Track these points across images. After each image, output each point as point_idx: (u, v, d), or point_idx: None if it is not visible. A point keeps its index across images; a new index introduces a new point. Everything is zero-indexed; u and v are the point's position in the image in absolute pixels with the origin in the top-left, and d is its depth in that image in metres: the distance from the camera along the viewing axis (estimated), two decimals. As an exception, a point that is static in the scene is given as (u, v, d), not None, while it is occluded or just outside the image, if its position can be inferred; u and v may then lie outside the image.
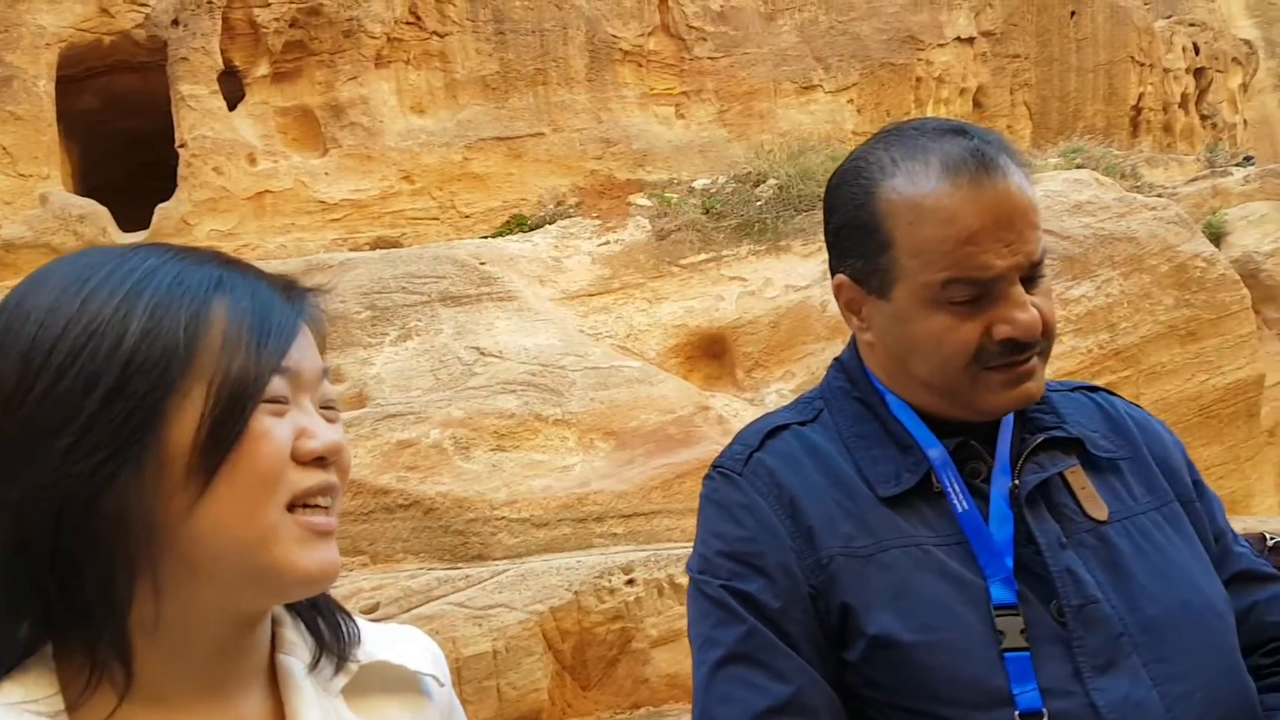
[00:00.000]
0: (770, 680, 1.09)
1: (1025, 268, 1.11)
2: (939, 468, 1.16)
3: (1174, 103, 17.08)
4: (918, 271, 1.13)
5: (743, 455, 1.22)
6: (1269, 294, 10.97)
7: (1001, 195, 1.10)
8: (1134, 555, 1.14)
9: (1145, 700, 1.06)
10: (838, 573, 1.12)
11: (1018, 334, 1.11)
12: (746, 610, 1.12)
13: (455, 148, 10.79)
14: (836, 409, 1.24)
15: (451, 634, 6.42)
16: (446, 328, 7.87)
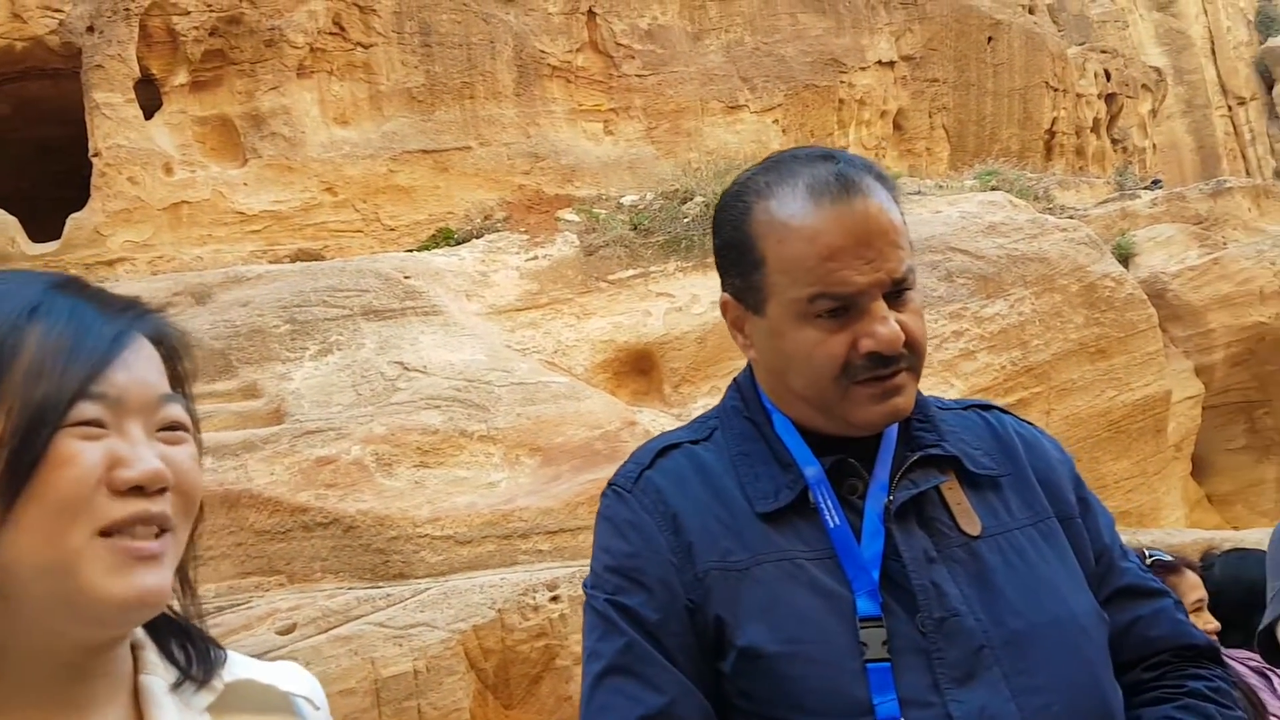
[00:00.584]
0: (645, 691, 1.12)
1: (888, 284, 1.18)
2: (813, 485, 1.20)
3: (1086, 127, 17.64)
4: (787, 288, 1.19)
5: (634, 473, 1.27)
6: (1175, 313, 11.37)
7: (861, 216, 1.17)
8: (1003, 570, 1.17)
9: (1002, 712, 1.09)
10: (713, 586, 1.16)
11: (880, 347, 1.16)
12: (627, 623, 1.16)
13: (380, 160, 10.66)
14: (728, 427, 1.29)
15: (371, 654, 6.32)
16: (369, 342, 7.76)
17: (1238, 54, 30.02)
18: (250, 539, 7.08)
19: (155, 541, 0.83)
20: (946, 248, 10.34)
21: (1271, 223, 12.94)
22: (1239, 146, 29.10)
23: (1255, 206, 13.10)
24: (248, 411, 7.61)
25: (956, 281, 10.14)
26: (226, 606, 6.70)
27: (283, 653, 6.33)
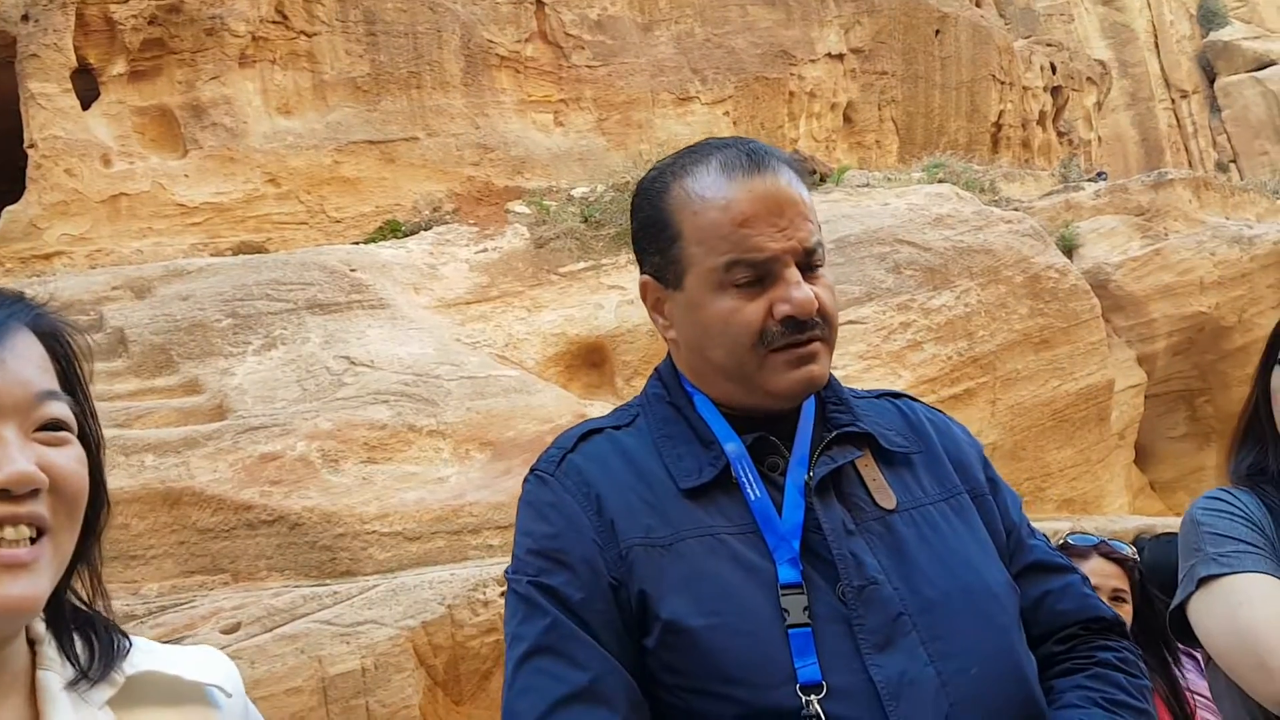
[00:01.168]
0: (569, 669, 1.14)
1: (800, 253, 1.22)
2: (735, 461, 1.23)
3: (1032, 120, 17.88)
4: (703, 258, 1.23)
5: (557, 458, 1.29)
6: (1118, 303, 11.56)
7: (771, 187, 1.23)
8: (917, 542, 1.22)
9: (920, 676, 1.12)
10: (636, 562, 1.18)
11: (795, 310, 1.20)
12: (550, 603, 1.17)
13: (324, 150, 10.51)
14: (650, 413, 1.32)
15: (318, 652, 6.24)
16: (314, 336, 7.65)
17: (1180, 48, 30.61)
18: (193, 537, 6.97)
19: (26, 549, 0.81)
20: (894, 240, 10.43)
21: (1211, 214, 13.21)
22: (1182, 139, 29.69)
23: (1196, 198, 13.36)
24: (189, 407, 7.48)
25: (904, 273, 10.23)
26: (170, 606, 6.59)
27: (228, 651, 6.22)
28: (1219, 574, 1.45)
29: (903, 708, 1.10)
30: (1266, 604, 1.38)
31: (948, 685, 1.13)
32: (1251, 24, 32.03)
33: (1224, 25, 31.49)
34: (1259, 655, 1.34)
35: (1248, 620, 1.38)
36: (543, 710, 1.13)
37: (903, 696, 1.11)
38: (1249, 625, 1.38)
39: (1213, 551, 1.46)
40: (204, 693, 0.96)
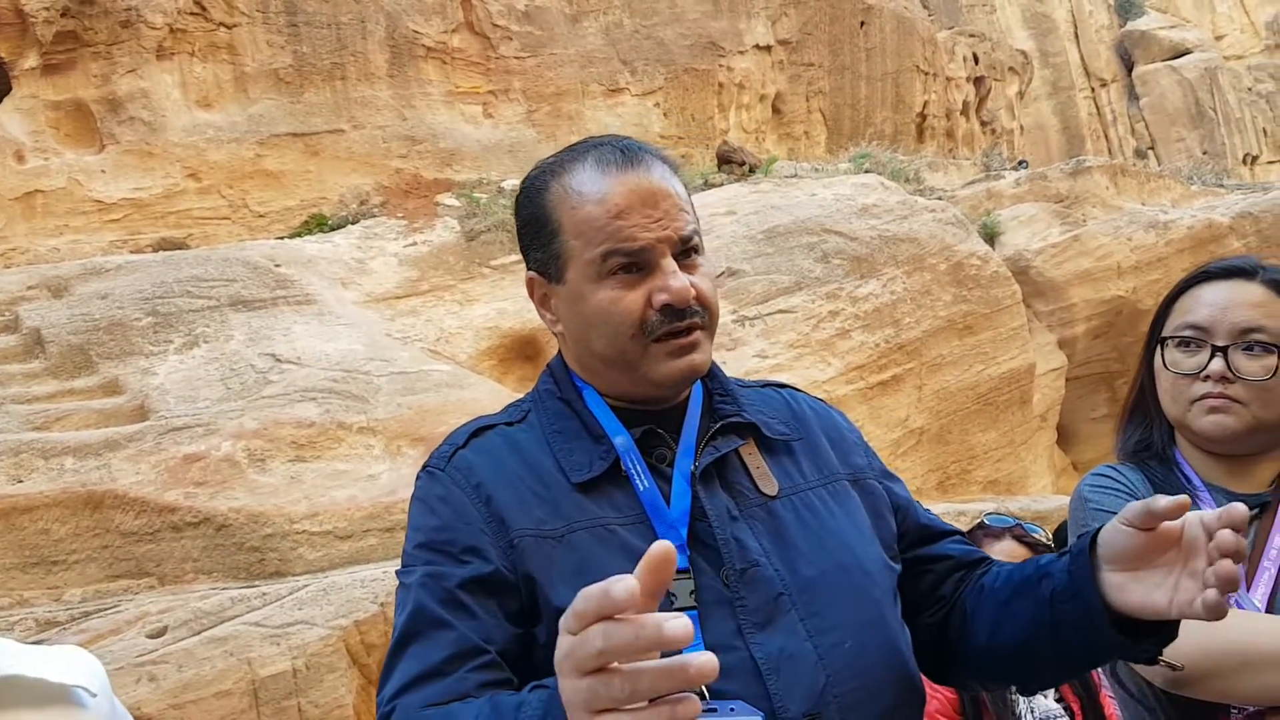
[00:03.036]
0: (447, 638, 1.15)
1: (675, 243, 1.26)
2: (623, 453, 1.27)
3: (956, 109, 18.18)
4: (582, 250, 1.27)
5: (448, 453, 1.31)
6: (1038, 289, 11.84)
7: (644, 180, 1.27)
8: (797, 525, 1.28)
9: (799, 651, 1.18)
10: (526, 550, 1.20)
11: (672, 298, 1.24)
12: (438, 591, 1.19)
13: (246, 143, 10.30)
14: (542, 409, 1.35)
15: (247, 654, 6.16)
16: (238, 334, 7.52)
17: (1099, 37, 31.33)
18: (117, 541, 6.83)
19: None
20: (822, 229, 10.56)
21: (1128, 200, 13.58)
22: (1102, 127, 30.41)
23: (1113, 184, 13.72)
24: (109, 409, 7.31)
25: (832, 262, 10.36)
26: (94, 611, 6.45)
27: (154, 656, 6.13)
28: None
29: (782, 681, 1.15)
30: None
31: (825, 658, 1.18)
32: (1167, 13, 32.94)
33: (1140, 15, 32.33)
34: None
35: None
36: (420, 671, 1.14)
37: (782, 670, 1.16)
38: None
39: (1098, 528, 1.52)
40: (70, 693, 0.96)
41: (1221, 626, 1.33)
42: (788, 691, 1.15)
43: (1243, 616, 1.36)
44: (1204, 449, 1.58)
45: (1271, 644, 1.30)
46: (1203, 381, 1.52)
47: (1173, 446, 1.62)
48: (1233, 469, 1.56)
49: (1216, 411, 1.51)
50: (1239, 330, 1.52)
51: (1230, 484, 1.56)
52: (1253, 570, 1.45)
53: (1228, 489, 1.55)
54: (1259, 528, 1.49)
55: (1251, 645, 1.31)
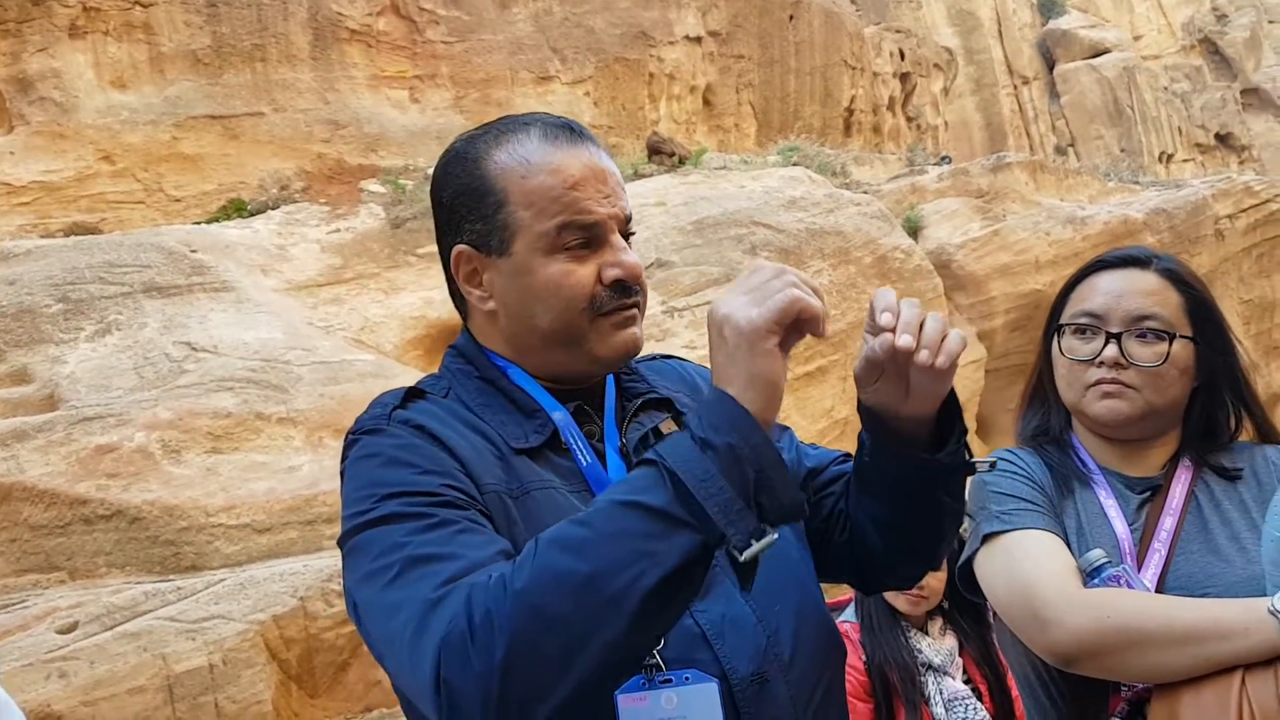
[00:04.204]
0: (466, 550, 1.05)
1: (622, 222, 1.28)
2: (563, 428, 1.26)
3: (882, 105, 18.43)
4: (533, 221, 1.24)
5: (384, 413, 1.25)
6: (959, 282, 12.08)
7: (593, 156, 1.27)
8: None
9: (740, 616, 1.21)
10: (494, 507, 1.17)
11: (625, 274, 1.25)
12: (433, 508, 1.10)
13: (162, 126, 10.02)
14: (461, 387, 1.31)
15: (162, 650, 6.03)
16: (152, 321, 7.33)
17: (1022, 35, 32.00)
18: (25, 534, 6.62)
19: None
20: (751, 221, 10.63)
21: (1047, 196, 13.91)
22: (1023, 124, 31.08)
23: (1032, 180, 14.05)
24: (17, 398, 7.08)
25: (760, 255, 10.44)
26: (1, 606, 6.25)
27: (65, 652, 5.97)
28: (1001, 530, 1.53)
29: (728, 645, 1.18)
30: (1042, 559, 1.47)
31: (763, 621, 1.22)
32: (1088, 13, 33.78)
33: (1062, 14, 33.11)
34: (1034, 608, 1.43)
35: (1024, 574, 1.47)
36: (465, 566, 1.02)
37: (727, 635, 1.19)
38: (1025, 579, 1.46)
39: (996, 510, 1.55)
40: None
41: (1112, 606, 1.38)
42: (735, 654, 1.18)
43: (1133, 596, 1.40)
44: (1099, 434, 1.62)
45: (1160, 624, 1.34)
46: (1097, 367, 1.56)
47: (1069, 431, 1.67)
48: (1126, 453, 1.61)
49: (1110, 397, 1.55)
50: (1132, 318, 1.57)
51: (1124, 468, 1.60)
52: (1143, 552, 1.50)
53: (1121, 472, 1.60)
54: (1150, 511, 1.54)
55: (1140, 625, 1.35)
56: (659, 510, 0.98)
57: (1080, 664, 1.39)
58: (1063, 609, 1.40)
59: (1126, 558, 1.49)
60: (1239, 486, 1.56)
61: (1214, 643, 1.31)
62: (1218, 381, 1.61)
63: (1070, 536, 1.53)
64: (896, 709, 2.49)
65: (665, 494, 0.99)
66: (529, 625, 0.94)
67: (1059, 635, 1.39)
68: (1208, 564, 1.47)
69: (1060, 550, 1.49)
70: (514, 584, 0.96)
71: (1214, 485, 1.57)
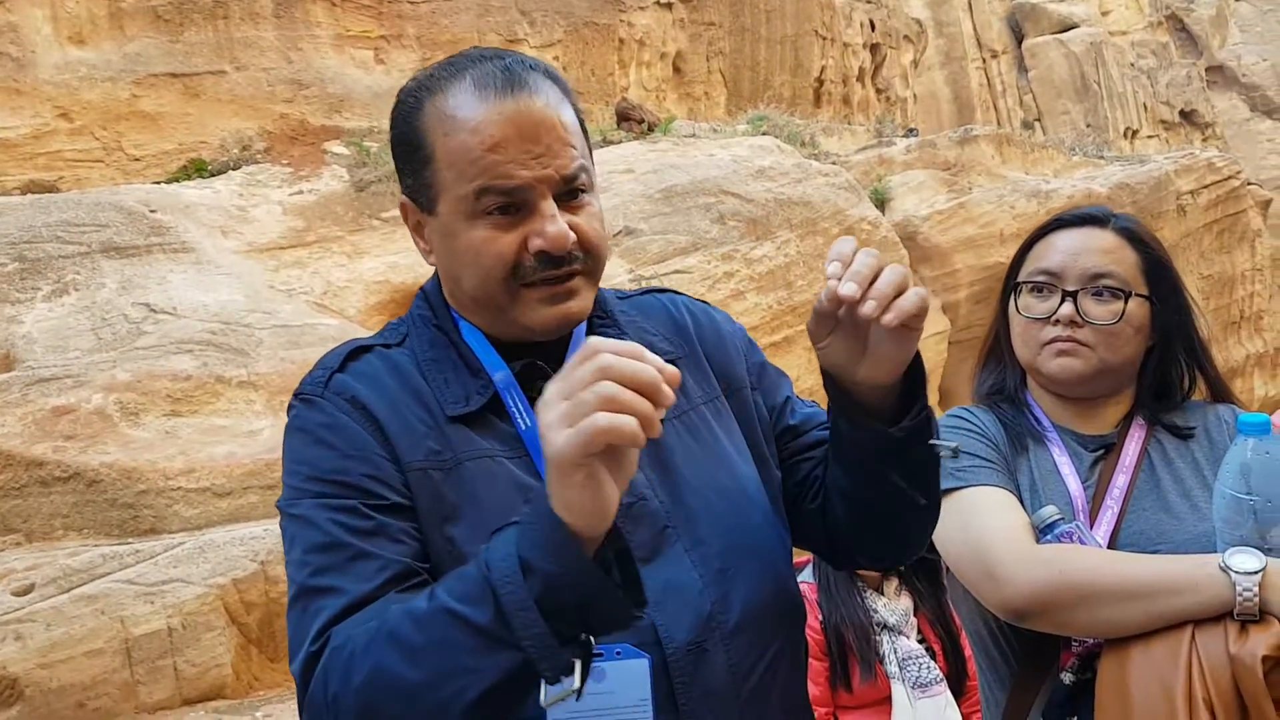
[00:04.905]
0: (351, 583, 1.09)
1: (556, 182, 1.15)
2: (503, 390, 1.20)
3: (852, 76, 18.41)
4: (454, 183, 1.16)
5: (323, 378, 1.22)
6: (925, 254, 12.15)
7: (525, 109, 1.14)
8: (680, 450, 1.24)
9: (684, 582, 1.17)
10: (418, 485, 1.15)
11: (548, 246, 1.14)
12: (338, 521, 1.12)
13: (122, 83, 9.81)
14: (417, 335, 1.27)
15: (120, 613, 5.99)
16: (110, 282, 7.22)
17: (991, 9, 32.01)
18: (-20, 497, 6.53)
19: None
20: (719, 190, 10.61)
21: (1012, 169, 14.00)
22: (991, 98, 31.16)
23: (999, 153, 14.13)
24: (-29, 359, 6.96)
25: (728, 224, 10.44)
26: (-46, 570, 6.18)
27: (20, 614, 5.91)
28: (956, 487, 1.53)
29: (667, 613, 1.14)
30: (996, 515, 1.48)
31: (709, 587, 1.18)
32: (1056, -11, 33.87)
33: (1031, -10, 33.17)
34: (987, 564, 1.44)
35: (978, 531, 1.48)
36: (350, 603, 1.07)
37: (667, 603, 1.15)
38: (979, 535, 1.47)
39: (951, 466, 1.55)
40: None
41: (1064, 562, 1.39)
42: (673, 623, 1.15)
43: (1084, 553, 1.42)
44: (1053, 392, 1.63)
45: (1111, 579, 1.36)
46: (1052, 325, 1.57)
47: (1024, 390, 1.67)
48: (1080, 411, 1.62)
49: (1064, 355, 1.56)
50: (1089, 276, 1.57)
51: (1078, 426, 1.61)
52: (1096, 509, 1.51)
53: (1075, 430, 1.61)
54: (1103, 468, 1.55)
55: (1092, 581, 1.36)
56: (480, 628, 0.97)
57: (1032, 619, 1.40)
58: (1015, 565, 1.40)
59: (1079, 515, 1.50)
60: (1192, 445, 1.58)
61: (1165, 598, 1.32)
62: (1172, 340, 1.62)
63: (1024, 494, 1.54)
64: (851, 667, 2.52)
65: (488, 612, 0.97)
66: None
67: (1011, 591, 1.40)
68: (1159, 521, 1.49)
69: (1014, 507, 1.50)
70: (355, 678, 1.02)
71: (1167, 443, 1.59)
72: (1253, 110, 33.18)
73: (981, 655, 1.62)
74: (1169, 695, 1.28)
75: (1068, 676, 1.45)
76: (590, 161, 1.22)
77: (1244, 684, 1.25)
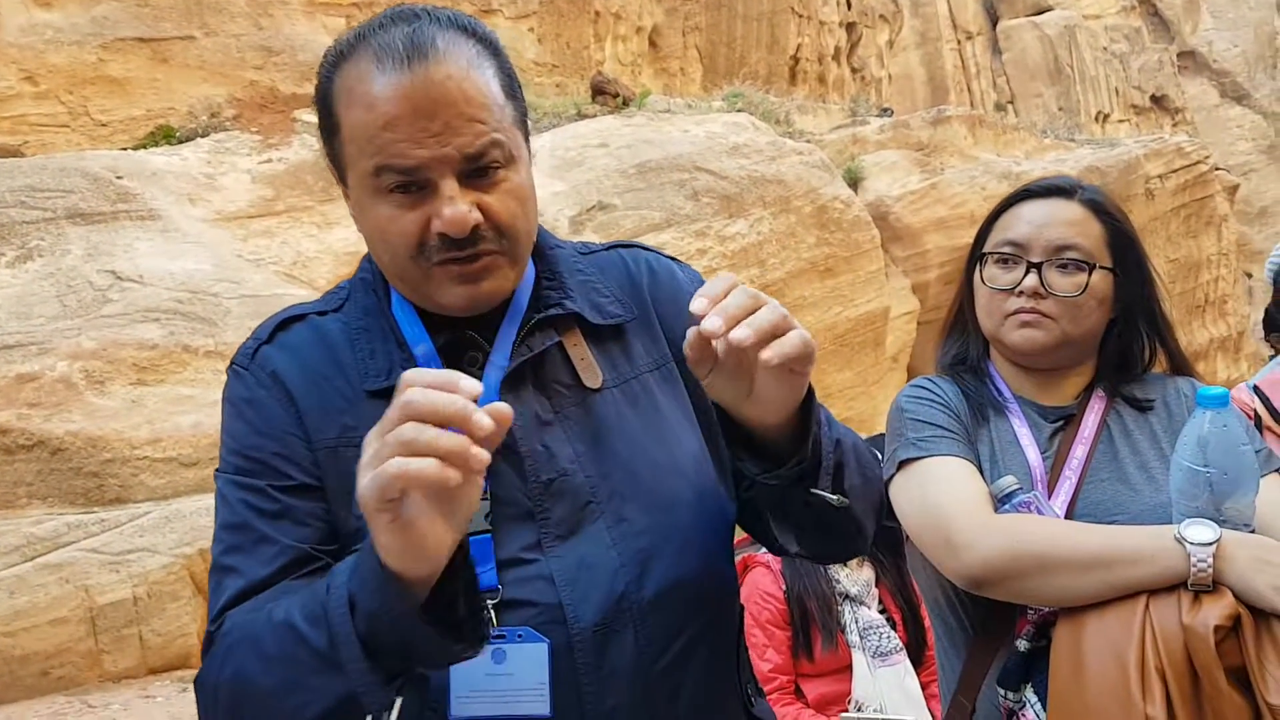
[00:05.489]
0: (251, 566, 1.11)
1: (458, 161, 1.09)
2: (423, 363, 1.17)
3: (828, 54, 18.39)
4: (356, 158, 1.11)
5: (251, 349, 1.22)
6: (896, 234, 12.20)
7: (423, 84, 1.07)
8: (617, 421, 1.20)
9: (600, 559, 1.14)
10: (328, 464, 1.14)
11: (445, 228, 1.09)
12: (253, 503, 1.14)
13: (89, 47, 9.63)
14: (354, 300, 1.24)
15: (84, 581, 5.95)
16: (75, 248, 7.11)
17: (967, -9, 32.04)
18: (-59, 464, 6.44)
19: None
20: (694, 167, 10.59)
21: (984, 151, 14.06)
22: (965, 79, 31.24)
23: (971, 135, 14.19)
24: (-69, 324, 6.84)
25: (702, 200, 10.42)
26: (-86, 539, 6.10)
27: (-18, 585, 5.86)
28: (916, 457, 1.55)
29: (577, 592, 1.12)
30: (954, 484, 1.49)
31: (625, 566, 1.15)
32: (1032, -27, 33.91)
33: (1007, -28, 33.19)
34: (945, 532, 1.45)
35: (936, 499, 1.49)
36: (246, 586, 1.10)
37: (578, 582, 1.13)
38: (937, 504, 1.48)
39: (913, 436, 1.57)
40: None
41: (1021, 532, 1.41)
42: (582, 602, 1.12)
43: (1041, 522, 1.43)
44: (1015, 362, 1.64)
45: (1067, 549, 1.38)
46: (1017, 297, 1.57)
47: (986, 360, 1.68)
48: (1042, 382, 1.63)
49: (1028, 326, 1.57)
50: (1054, 247, 1.58)
51: (1038, 397, 1.63)
52: (1055, 479, 1.53)
53: (1036, 401, 1.63)
54: (1062, 439, 1.57)
55: (1049, 550, 1.38)
56: (317, 651, 0.98)
57: (989, 587, 1.42)
58: (973, 534, 1.41)
59: (1038, 485, 1.51)
60: (1150, 417, 1.59)
61: (1120, 568, 1.34)
62: (1134, 313, 1.63)
63: (984, 463, 1.55)
64: (814, 636, 2.55)
65: (323, 637, 0.97)
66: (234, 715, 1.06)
67: (969, 559, 1.41)
68: (1116, 492, 1.51)
69: (973, 477, 1.51)
70: (226, 672, 1.06)
71: (1126, 415, 1.60)
72: (1222, 96, 33.48)
73: (939, 623, 1.64)
74: (1122, 663, 1.29)
75: (1023, 644, 1.47)
76: (516, 132, 1.15)
77: (1196, 653, 1.26)
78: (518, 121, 1.17)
